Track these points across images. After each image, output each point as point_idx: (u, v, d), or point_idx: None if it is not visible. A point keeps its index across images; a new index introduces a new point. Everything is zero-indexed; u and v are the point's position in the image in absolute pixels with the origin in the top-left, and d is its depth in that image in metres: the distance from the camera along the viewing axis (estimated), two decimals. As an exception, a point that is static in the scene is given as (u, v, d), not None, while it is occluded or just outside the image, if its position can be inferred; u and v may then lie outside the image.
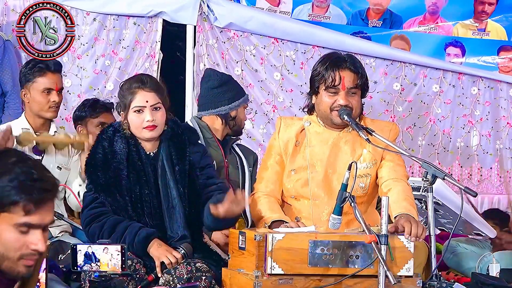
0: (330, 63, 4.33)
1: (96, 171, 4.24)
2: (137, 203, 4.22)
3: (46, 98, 5.09)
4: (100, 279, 3.51)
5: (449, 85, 6.89)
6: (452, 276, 5.58)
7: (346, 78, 4.30)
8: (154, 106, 4.25)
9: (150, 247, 4.11)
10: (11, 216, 2.51)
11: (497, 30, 7.17)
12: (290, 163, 4.41)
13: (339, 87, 4.29)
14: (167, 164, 4.28)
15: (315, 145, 4.38)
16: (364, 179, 4.35)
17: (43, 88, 5.08)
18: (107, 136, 4.32)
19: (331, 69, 4.30)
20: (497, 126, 6.98)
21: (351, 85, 4.31)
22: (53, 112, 5.13)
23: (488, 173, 6.99)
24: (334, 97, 4.31)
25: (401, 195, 4.21)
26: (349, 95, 4.31)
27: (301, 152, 4.41)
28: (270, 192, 4.42)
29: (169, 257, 4.06)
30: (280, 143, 4.44)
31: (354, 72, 4.32)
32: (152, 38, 6.29)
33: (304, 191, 4.36)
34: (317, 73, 4.36)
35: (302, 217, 4.34)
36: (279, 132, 4.47)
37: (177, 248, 4.13)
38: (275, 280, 3.82)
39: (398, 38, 7.04)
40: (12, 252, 2.53)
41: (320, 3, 6.88)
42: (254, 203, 4.40)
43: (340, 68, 4.30)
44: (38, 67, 5.11)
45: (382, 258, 3.69)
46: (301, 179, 4.37)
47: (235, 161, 5.19)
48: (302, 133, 4.43)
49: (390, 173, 4.34)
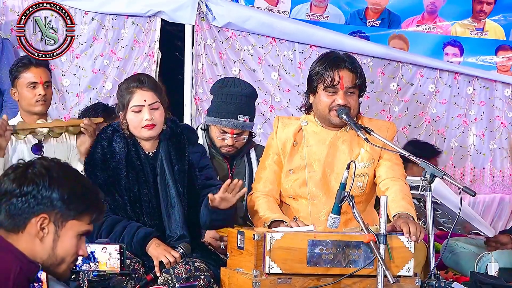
0: (329, 63, 4.32)
1: (95, 171, 4.24)
2: (136, 202, 4.22)
3: (32, 92, 5.12)
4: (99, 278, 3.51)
5: (445, 85, 6.88)
6: (451, 275, 5.58)
7: (345, 78, 4.29)
8: (153, 105, 4.25)
9: (148, 247, 4.11)
10: (79, 224, 2.67)
11: (495, 29, 7.17)
12: (288, 163, 4.41)
13: (338, 86, 4.29)
14: (166, 164, 4.28)
15: (312, 145, 4.38)
16: (362, 178, 4.35)
17: (28, 82, 5.12)
18: (106, 136, 4.32)
19: (330, 68, 4.30)
20: (491, 126, 6.97)
21: (349, 84, 4.31)
22: (41, 105, 5.14)
23: (481, 173, 6.99)
24: (333, 96, 4.30)
25: (399, 194, 4.20)
26: (347, 95, 4.31)
27: (298, 152, 4.40)
28: (269, 192, 4.41)
29: (168, 257, 4.06)
30: (278, 143, 4.44)
31: (352, 72, 4.32)
32: (151, 37, 6.28)
33: (302, 191, 4.36)
34: (315, 72, 4.35)
35: (300, 217, 4.33)
36: (277, 132, 4.47)
37: (175, 248, 4.13)
38: (273, 280, 3.82)
39: (397, 38, 7.04)
40: (69, 257, 2.69)
41: (318, 2, 6.88)
42: (252, 203, 4.40)
43: (339, 68, 4.30)
44: (21, 63, 5.19)
45: (381, 258, 3.69)
46: (299, 179, 4.37)
47: (243, 171, 4.94)
48: (300, 133, 4.43)
49: (388, 172, 4.33)
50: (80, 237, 2.70)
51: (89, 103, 6.14)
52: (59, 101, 6.12)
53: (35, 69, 5.16)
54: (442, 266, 5.61)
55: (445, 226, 5.38)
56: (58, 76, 6.15)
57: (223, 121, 4.75)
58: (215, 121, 4.79)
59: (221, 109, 4.78)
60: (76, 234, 2.68)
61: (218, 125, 4.77)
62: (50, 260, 2.66)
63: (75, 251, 2.70)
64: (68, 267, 2.71)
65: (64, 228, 2.65)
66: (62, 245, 2.66)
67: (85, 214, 2.68)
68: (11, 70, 5.22)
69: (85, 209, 2.67)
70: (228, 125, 4.75)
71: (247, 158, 4.95)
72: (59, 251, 2.66)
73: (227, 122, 4.75)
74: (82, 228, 2.69)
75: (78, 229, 2.68)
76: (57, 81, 6.10)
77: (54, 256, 2.66)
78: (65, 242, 2.66)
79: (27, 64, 5.17)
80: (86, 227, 2.70)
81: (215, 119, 4.78)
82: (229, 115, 4.76)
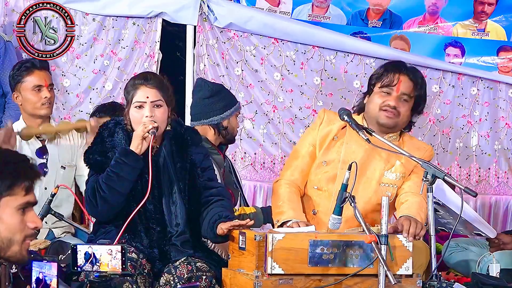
0: (392, 65, 4.43)
1: (95, 156, 4.24)
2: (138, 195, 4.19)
3: (38, 95, 5.12)
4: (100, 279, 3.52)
5: (448, 86, 6.88)
6: (452, 276, 5.58)
7: (403, 82, 4.35)
8: (155, 103, 4.24)
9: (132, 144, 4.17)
10: (14, 199, 2.57)
11: (496, 30, 7.16)
12: (323, 154, 4.43)
13: (394, 88, 4.33)
14: (169, 161, 4.28)
15: (352, 144, 4.40)
16: (391, 188, 4.39)
17: (33, 85, 5.12)
18: (107, 128, 4.32)
19: (391, 70, 4.38)
20: (496, 127, 6.97)
21: (405, 91, 4.35)
22: (46, 108, 5.15)
23: (486, 173, 6.98)
24: (386, 97, 4.35)
25: (415, 205, 4.26)
26: (400, 100, 4.33)
27: (336, 147, 4.43)
28: (294, 181, 4.46)
29: (146, 125, 4.11)
30: (319, 135, 4.46)
31: (412, 80, 4.38)
32: (152, 38, 6.29)
33: (329, 186, 4.39)
34: (376, 72, 4.43)
35: (319, 211, 4.38)
36: (321, 124, 4.48)
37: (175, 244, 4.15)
38: (275, 280, 3.82)
39: (398, 39, 7.04)
40: (18, 235, 2.59)
41: (320, 3, 6.88)
42: (276, 189, 4.45)
43: (400, 72, 4.36)
44: (24, 67, 5.17)
45: (382, 258, 3.69)
46: (330, 172, 4.40)
47: (228, 164, 5.23)
48: (344, 130, 4.45)
49: (412, 186, 4.38)
50: (23, 211, 2.60)
51: (89, 103, 6.15)
52: (59, 102, 6.13)
53: (39, 72, 5.16)
54: (444, 267, 5.61)
55: (447, 227, 5.37)
56: (58, 77, 6.15)
57: (238, 104, 5.23)
58: (236, 109, 5.17)
59: (228, 100, 5.18)
60: (15, 209, 2.58)
61: (238, 111, 5.20)
62: None
63: (21, 227, 2.60)
64: (21, 247, 2.61)
65: (0, 208, 2.56)
66: (4, 226, 2.57)
67: (16, 187, 2.58)
68: (13, 75, 5.19)
69: (14, 182, 2.57)
70: (240, 106, 5.31)
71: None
72: (3, 233, 2.57)
73: (239, 104, 5.28)
74: (19, 201, 2.59)
75: (14, 203, 2.58)
76: (58, 82, 6.10)
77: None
78: (5, 221, 2.57)
79: (30, 67, 5.16)
80: (23, 199, 2.59)
81: (234, 108, 5.15)
82: (235, 100, 5.25)
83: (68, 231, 5.12)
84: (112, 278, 3.53)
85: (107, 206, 4.14)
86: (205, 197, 4.28)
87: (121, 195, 4.14)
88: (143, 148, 4.15)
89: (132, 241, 4.13)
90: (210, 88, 5.17)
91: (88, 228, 4.99)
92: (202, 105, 5.14)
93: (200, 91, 5.19)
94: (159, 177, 4.26)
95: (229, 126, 5.13)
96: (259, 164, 6.55)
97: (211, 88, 5.17)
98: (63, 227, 5.08)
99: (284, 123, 6.54)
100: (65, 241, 4.86)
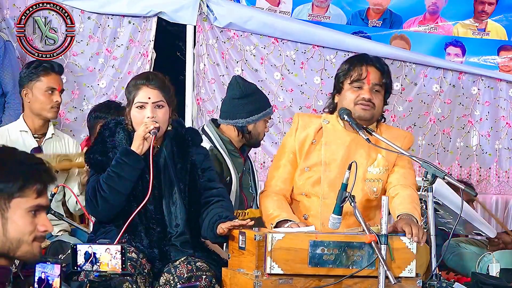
0: (356, 59, 4.40)
1: (96, 156, 4.24)
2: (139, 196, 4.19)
3: (49, 98, 5.13)
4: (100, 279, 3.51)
5: (449, 85, 6.88)
6: (452, 276, 5.58)
7: (371, 74, 4.33)
8: (157, 104, 4.23)
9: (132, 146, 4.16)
10: (25, 200, 2.58)
11: (497, 30, 7.16)
12: (304, 160, 4.41)
13: (364, 81, 4.32)
14: (170, 161, 4.28)
15: (331, 144, 4.38)
16: (377, 183, 4.37)
17: (47, 87, 5.12)
18: (108, 127, 4.32)
19: (357, 64, 4.35)
20: (496, 126, 6.98)
21: (376, 81, 4.33)
22: (54, 112, 5.17)
23: (487, 173, 6.99)
24: (358, 91, 4.33)
25: (407, 199, 4.23)
26: (373, 92, 4.33)
27: (316, 150, 4.40)
28: (280, 191, 4.43)
29: (147, 125, 4.10)
30: (296, 142, 4.44)
31: (379, 70, 4.36)
32: (146, 37, 6.29)
33: (315, 189, 4.37)
34: (342, 70, 4.40)
35: (310, 215, 4.36)
36: (297, 130, 4.46)
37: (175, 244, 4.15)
38: (275, 280, 3.81)
39: (398, 38, 7.04)
40: (26, 236, 2.59)
41: (320, 3, 6.88)
42: (263, 201, 4.43)
43: (367, 64, 4.34)
44: (43, 67, 5.16)
45: (382, 258, 3.69)
46: (314, 176, 4.38)
47: (248, 166, 5.17)
48: (320, 132, 4.43)
49: (399, 179, 4.36)
50: (34, 214, 2.61)
51: (83, 101, 6.15)
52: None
53: (55, 76, 5.17)
54: (444, 267, 5.61)
55: (447, 227, 5.38)
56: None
57: (269, 109, 5.10)
58: (265, 114, 5.05)
59: (258, 104, 5.05)
60: (25, 211, 2.58)
61: (267, 116, 5.08)
62: (5, 246, 2.58)
63: (31, 229, 2.60)
64: (31, 247, 2.62)
65: (11, 209, 2.57)
66: (14, 227, 2.58)
67: (27, 189, 2.58)
68: (28, 72, 5.18)
69: (25, 183, 2.57)
70: (271, 111, 5.17)
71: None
72: (12, 234, 2.58)
73: (270, 109, 5.13)
74: (30, 204, 2.59)
75: (25, 205, 2.58)
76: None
77: (8, 241, 2.58)
78: (15, 222, 2.58)
79: (49, 68, 5.16)
80: (34, 201, 2.60)
81: (263, 112, 5.04)
82: (266, 105, 5.11)
83: (65, 230, 5.13)
84: (112, 277, 3.52)
85: (107, 206, 4.14)
86: (205, 198, 4.27)
87: (121, 195, 4.14)
88: (144, 148, 4.15)
89: (132, 241, 4.12)
90: (242, 89, 5.06)
91: (88, 227, 4.99)
92: (230, 105, 5.05)
93: (232, 90, 5.09)
94: (159, 178, 4.25)
95: (254, 131, 5.04)
96: (259, 164, 6.55)
97: (242, 89, 5.05)
98: (60, 225, 5.08)
99: (284, 122, 6.55)
100: (65, 241, 4.86)
